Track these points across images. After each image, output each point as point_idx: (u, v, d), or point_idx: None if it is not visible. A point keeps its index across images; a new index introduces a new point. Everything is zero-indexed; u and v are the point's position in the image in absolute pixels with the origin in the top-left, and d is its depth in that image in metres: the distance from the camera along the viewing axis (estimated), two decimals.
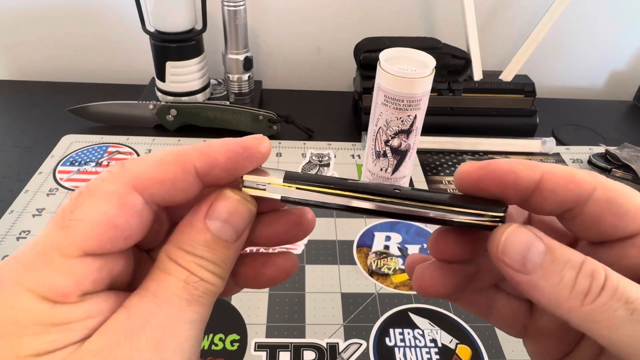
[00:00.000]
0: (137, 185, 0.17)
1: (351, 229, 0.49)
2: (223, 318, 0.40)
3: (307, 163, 0.58)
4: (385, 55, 0.44)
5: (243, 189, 0.19)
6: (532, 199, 0.18)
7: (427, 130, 0.56)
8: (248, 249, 0.22)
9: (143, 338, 0.16)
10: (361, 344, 0.38)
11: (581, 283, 0.16)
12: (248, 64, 0.65)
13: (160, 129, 0.63)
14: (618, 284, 0.16)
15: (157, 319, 0.16)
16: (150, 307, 0.16)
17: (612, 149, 0.59)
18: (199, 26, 0.64)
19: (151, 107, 0.62)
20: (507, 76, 0.65)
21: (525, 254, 0.17)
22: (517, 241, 0.17)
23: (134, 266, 0.19)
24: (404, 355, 0.38)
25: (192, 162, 0.18)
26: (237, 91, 0.67)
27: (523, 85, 0.64)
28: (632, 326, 0.15)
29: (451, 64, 0.63)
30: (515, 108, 0.65)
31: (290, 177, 0.19)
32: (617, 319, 0.15)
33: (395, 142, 0.47)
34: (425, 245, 0.48)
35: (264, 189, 0.19)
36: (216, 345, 0.38)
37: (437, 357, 0.38)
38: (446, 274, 0.21)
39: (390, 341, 0.39)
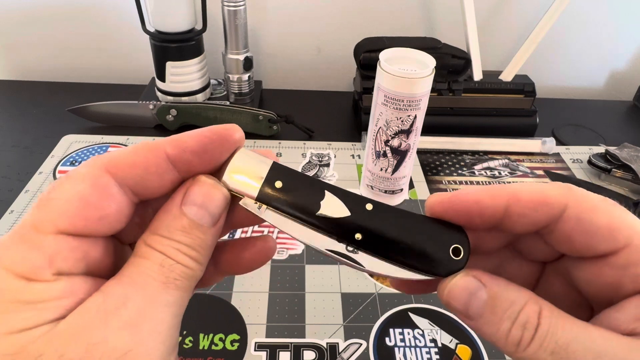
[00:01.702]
0: (109, 169, 0.18)
1: None
2: (223, 318, 0.40)
3: (307, 163, 0.58)
4: (385, 55, 0.44)
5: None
6: (502, 224, 0.19)
7: (427, 130, 0.56)
8: (226, 237, 0.22)
9: (118, 320, 0.16)
10: (361, 344, 0.38)
11: (514, 334, 0.17)
12: (248, 64, 0.65)
13: (160, 129, 0.63)
14: (547, 333, 0.17)
15: (132, 302, 0.17)
16: (126, 290, 0.17)
17: (612, 149, 0.59)
18: (199, 26, 0.64)
19: (151, 107, 0.62)
20: (507, 76, 0.65)
21: (467, 303, 0.18)
22: (461, 291, 0.19)
23: (114, 257, 0.19)
24: (404, 355, 0.38)
25: (163, 148, 0.19)
26: (237, 91, 0.67)
27: (523, 85, 0.64)
28: None
29: (451, 64, 0.63)
30: (515, 108, 0.65)
31: (266, 194, 0.20)
32: None
33: (395, 142, 0.47)
34: None
35: (241, 198, 0.20)
36: (216, 345, 0.38)
37: (437, 357, 0.38)
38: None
39: (390, 341, 0.39)
